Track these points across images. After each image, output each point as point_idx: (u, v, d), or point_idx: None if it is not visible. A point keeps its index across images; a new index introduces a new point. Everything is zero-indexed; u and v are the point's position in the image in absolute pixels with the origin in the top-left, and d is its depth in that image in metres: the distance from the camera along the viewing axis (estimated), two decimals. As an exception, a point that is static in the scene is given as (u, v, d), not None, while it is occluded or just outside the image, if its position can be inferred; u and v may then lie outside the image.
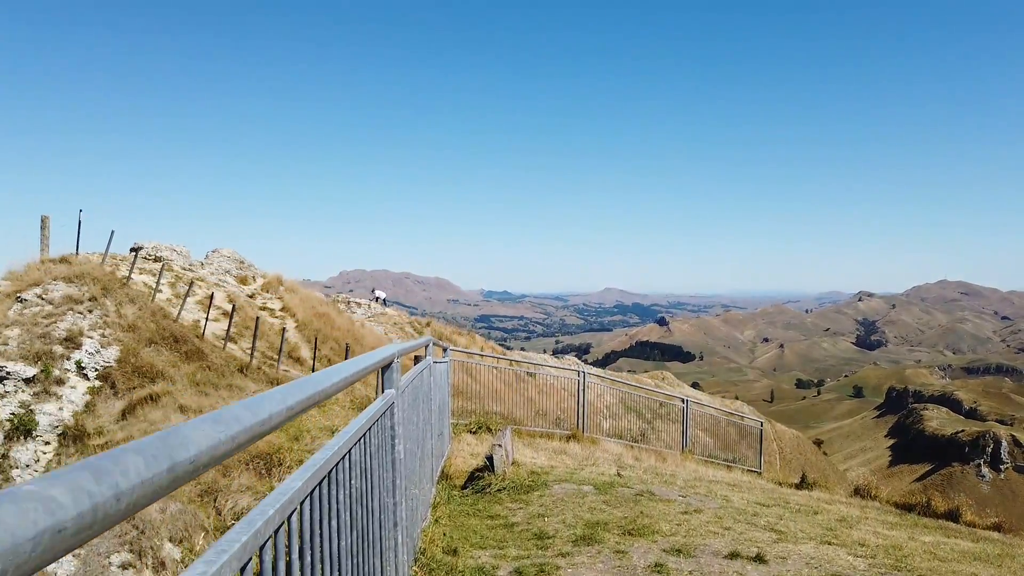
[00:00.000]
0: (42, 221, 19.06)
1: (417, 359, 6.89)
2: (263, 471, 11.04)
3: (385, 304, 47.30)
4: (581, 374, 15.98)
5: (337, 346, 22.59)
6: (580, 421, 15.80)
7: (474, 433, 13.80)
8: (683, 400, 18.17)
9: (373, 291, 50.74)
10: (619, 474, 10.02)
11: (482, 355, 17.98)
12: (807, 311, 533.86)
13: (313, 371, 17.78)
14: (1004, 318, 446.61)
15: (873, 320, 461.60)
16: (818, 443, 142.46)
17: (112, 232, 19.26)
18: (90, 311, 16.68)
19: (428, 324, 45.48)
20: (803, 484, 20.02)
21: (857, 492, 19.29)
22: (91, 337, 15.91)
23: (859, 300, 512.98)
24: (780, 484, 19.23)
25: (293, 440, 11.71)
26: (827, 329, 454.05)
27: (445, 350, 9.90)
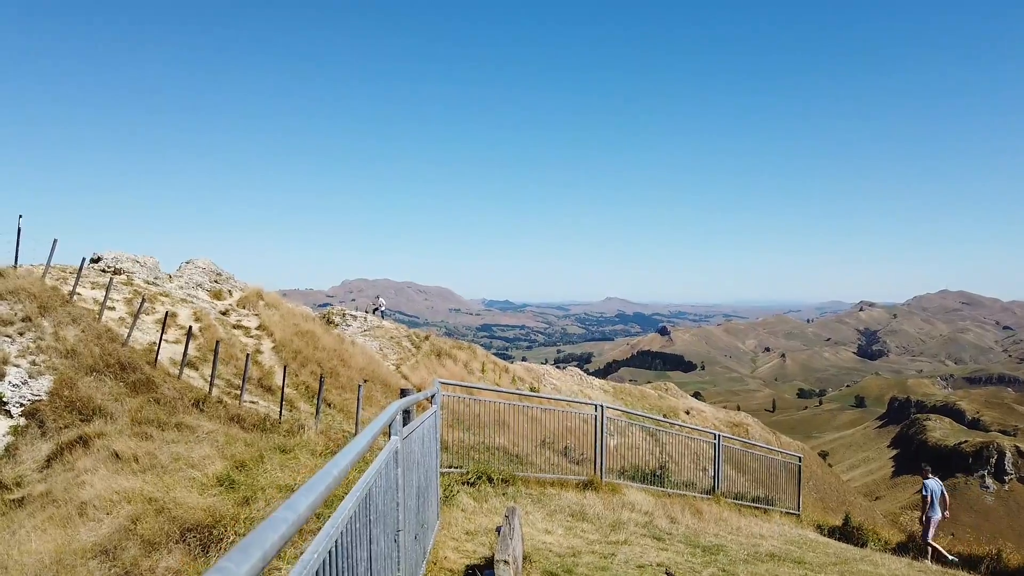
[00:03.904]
0: (-23, 229, 16.59)
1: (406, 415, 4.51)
2: (198, 549, 8.53)
3: (383, 315, 44.87)
4: (599, 408, 13.50)
5: (319, 369, 20.07)
6: (598, 465, 13.31)
7: (472, 485, 11.30)
8: (715, 436, 15.69)
9: (377, 298, 48.74)
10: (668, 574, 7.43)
11: (483, 388, 15.51)
12: (808, 321, 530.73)
13: (282, 403, 15.33)
14: (1006, 328, 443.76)
15: (874, 330, 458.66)
16: (823, 455, 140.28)
17: (55, 241, 16.80)
18: (21, 334, 14.19)
19: (427, 338, 42.90)
20: (847, 527, 17.57)
21: (912, 539, 16.87)
22: (18, 365, 13.43)
23: (860, 310, 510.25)
24: (822, 529, 16.77)
25: (241, 504, 9.20)
26: (828, 339, 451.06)
27: (432, 397, 7.42)
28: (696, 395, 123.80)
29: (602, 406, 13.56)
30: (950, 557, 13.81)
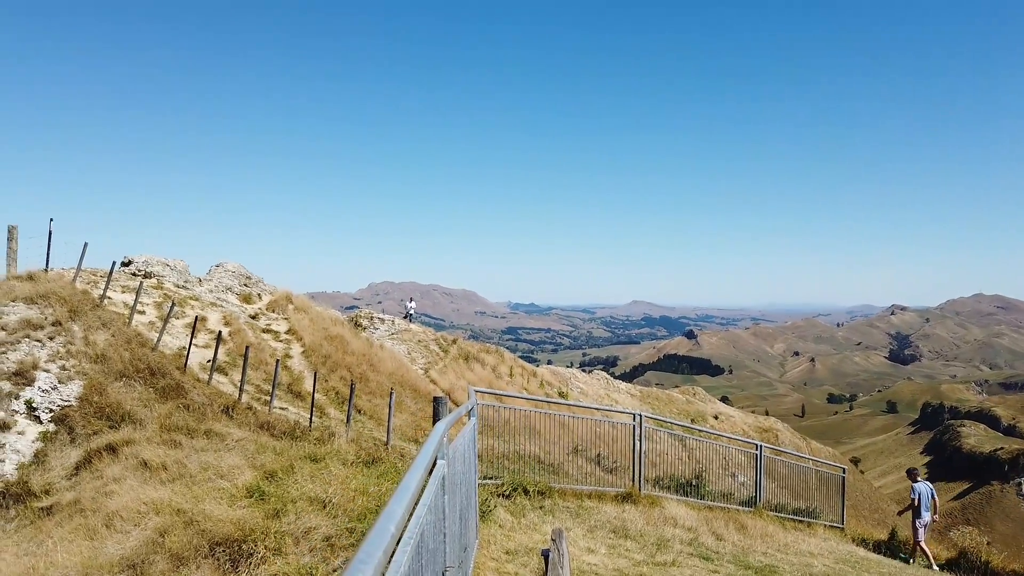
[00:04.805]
0: (9, 232, 16.56)
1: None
2: (227, 565, 8.22)
3: (411, 319, 44.74)
4: (637, 418, 13.04)
5: (349, 374, 19.81)
6: (636, 476, 12.84)
7: (508, 498, 10.91)
8: (757, 447, 15.14)
9: (410, 300, 48.88)
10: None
11: (518, 397, 15.12)
12: (838, 325, 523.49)
13: (312, 409, 15.06)
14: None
15: (907, 334, 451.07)
16: (855, 461, 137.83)
17: (85, 244, 16.68)
18: (51, 338, 14.06)
19: (454, 342, 42.59)
20: (893, 541, 16.88)
21: (963, 555, 16.16)
22: (48, 370, 13.28)
23: (892, 314, 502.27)
24: (866, 543, 16.12)
25: (272, 517, 8.87)
26: (859, 343, 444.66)
27: (471, 412, 7.04)
28: (724, 399, 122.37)
29: (640, 415, 13.10)
30: (935, 566, 14.21)
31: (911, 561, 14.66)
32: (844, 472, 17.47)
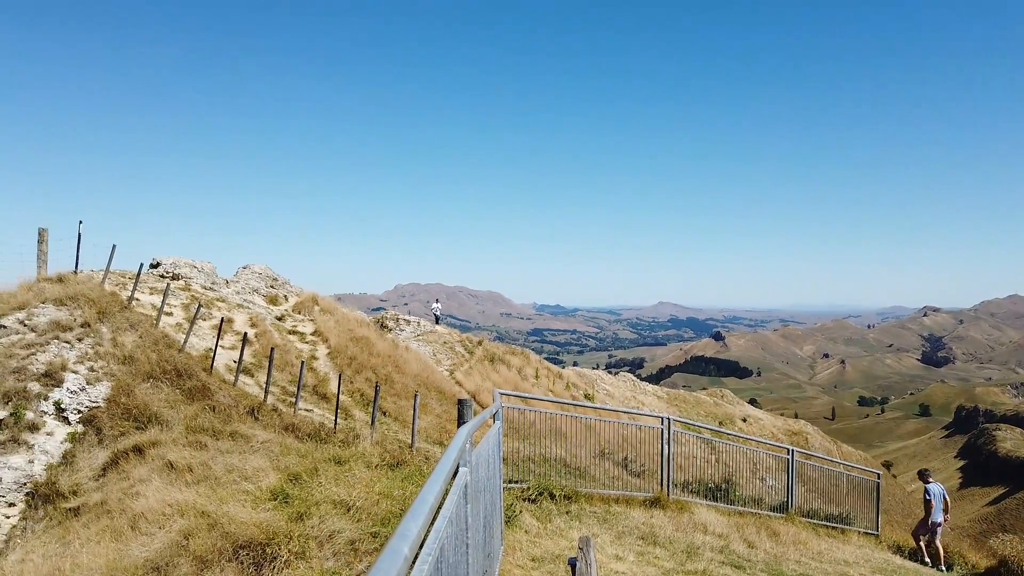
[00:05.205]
0: (40, 234, 16.74)
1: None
2: (251, 568, 8.15)
3: (437, 320, 44.83)
4: (665, 421, 12.80)
5: (374, 376, 19.76)
6: (664, 480, 12.61)
7: (533, 502, 10.74)
8: (788, 451, 14.81)
9: (437, 301, 49.26)
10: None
11: (544, 400, 14.93)
12: (869, 326, 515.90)
13: (337, 411, 15.01)
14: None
15: (940, 336, 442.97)
16: (887, 465, 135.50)
17: (114, 246, 16.80)
18: (79, 340, 14.16)
19: (480, 343, 42.53)
20: (930, 549, 16.42)
21: (1003, 564, 15.67)
22: (76, 372, 13.36)
23: (924, 315, 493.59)
24: (902, 551, 15.70)
25: (295, 520, 8.79)
26: (890, 345, 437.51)
27: (495, 414, 6.88)
28: (752, 402, 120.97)
29: (668, 419, 12.86)
30: (942, 567, 14.23)
31: (948, 568, 14.31)
32: (879, 477, 17.04)
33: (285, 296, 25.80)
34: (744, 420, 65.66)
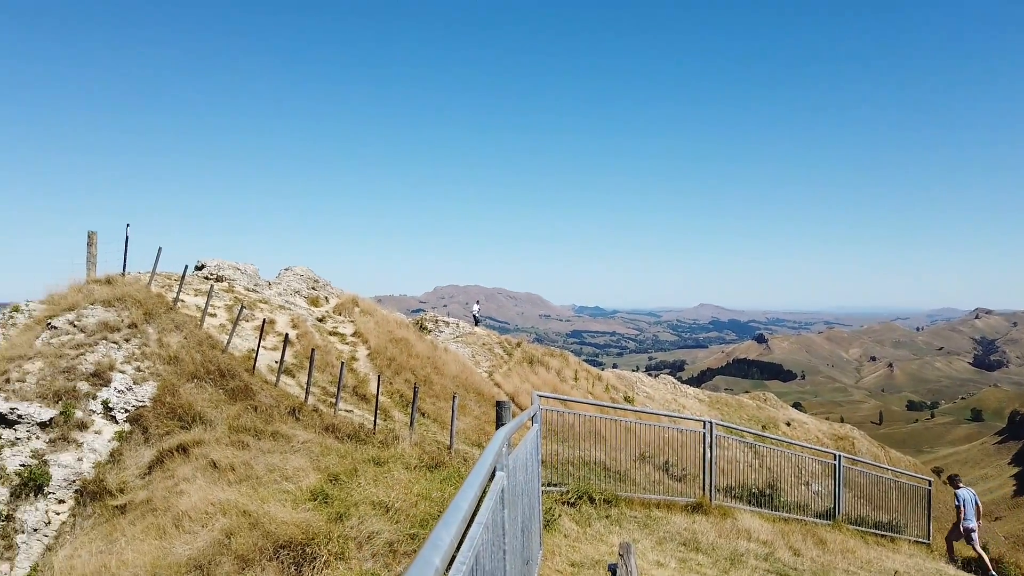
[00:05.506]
0: (89, 237, 17.16)
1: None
2: (291, 568, 8.19)
3: (477, 322, 44.96)
4: (707, 425, 12.58)
5: (413, 377, 19.82)
6: (707, 485, 12.38)
7: (573, 506, 10.63)
8: (835, 456, 14.45)
9: (476, 302, 49.64)
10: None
11: (583, 403, 14.80)
12: (918, 329, 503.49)
13: (376, 412, 15.06)
14: None
15: (992, 339, 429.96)
16: (937, 471, 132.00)
17: (160, 249, 17.15)
18: (127, 340, 14.46)
19: (519, 345, 42.44)
20: (985, 560, 15.88)
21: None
22: (123, 371, 13.64)
23: (976, 317, 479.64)
24: (955, 560, 15.20)
25: (335, 521, 8.82)
26: (940, 348, 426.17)
27: (534, 417, 6.80)
28: (796, 406, 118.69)
29: (711, 423, 12.64)
30: (992, 573, 13.86)
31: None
32: (930, 484, 16.53)
33: (326, 298, 26.08)
34: (788, 424, 64.45)
